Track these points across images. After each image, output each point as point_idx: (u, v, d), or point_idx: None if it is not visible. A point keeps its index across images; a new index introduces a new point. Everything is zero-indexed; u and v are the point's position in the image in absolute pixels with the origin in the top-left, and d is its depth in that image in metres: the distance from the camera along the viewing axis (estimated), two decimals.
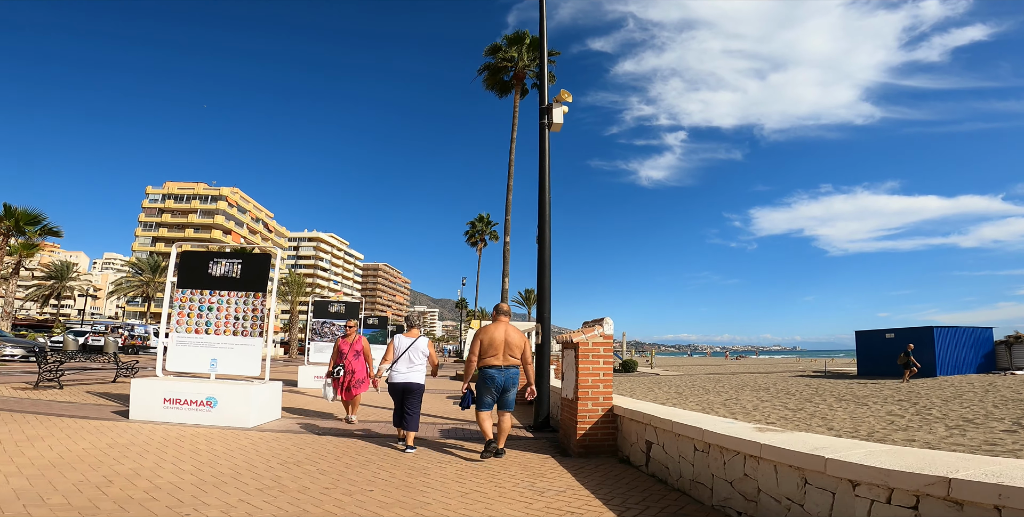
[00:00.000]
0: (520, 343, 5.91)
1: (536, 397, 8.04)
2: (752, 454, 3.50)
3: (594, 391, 6.00)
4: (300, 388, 13.75)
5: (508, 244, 23.97)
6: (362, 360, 8.42)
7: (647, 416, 5.16)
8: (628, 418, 5.68)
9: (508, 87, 31.49)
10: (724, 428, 4.00)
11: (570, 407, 6.22)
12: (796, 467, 3.13)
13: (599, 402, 6.02)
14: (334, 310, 15.20)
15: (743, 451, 3.61)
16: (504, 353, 5.83)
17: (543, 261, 8.38)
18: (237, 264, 8.10)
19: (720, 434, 3.87)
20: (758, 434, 3.70)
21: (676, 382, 24.04)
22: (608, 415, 6.03)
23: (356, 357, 8.34)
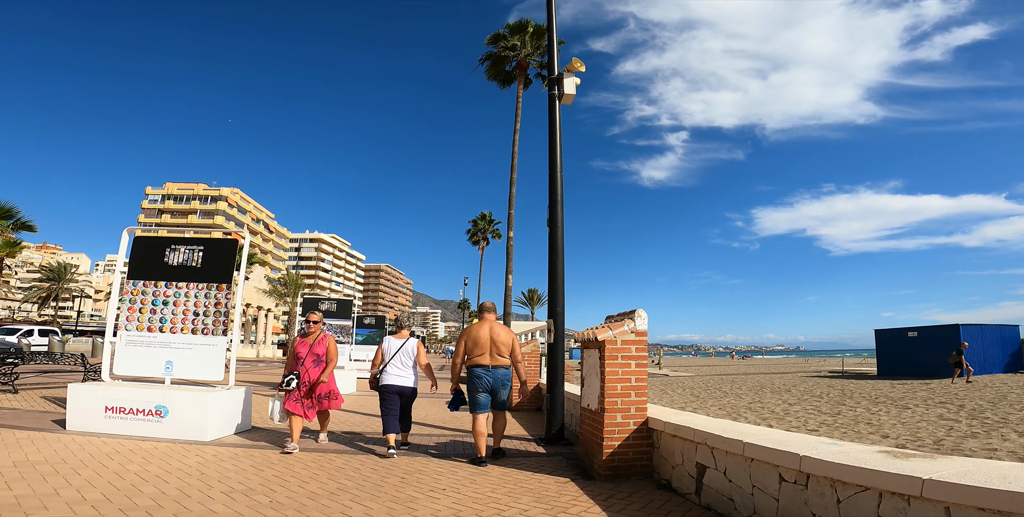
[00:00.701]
0: (508, 340, 5.63)
1: (549, 405, 6.88)
2: (899, 492, 2.32)
3: (625, 400, 4.81)
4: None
5: (512, 239, 22.80)
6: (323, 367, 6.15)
7: (700, 433, 3.97)
8: (671, 434, 4.49)
9: (511, 78, 30.28)
10: (834, 453, 2.81)
11: (594, 419, 5.03)
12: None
13: (631, 414, 4.83)
14: (325, 308, 14.05)
15: (878, 486, 2.43)
16: (491, 352, 5.57)
17: (555, 246, 7.20)
18: (198, 251, 6.94)
19: (833, 462, 2.69)
20: (900, 462, 2.51)
21: (688, 384, 22.83)
22: (642, 429, 4.84)
23: (317, 364, 6.09)
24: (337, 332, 13.87)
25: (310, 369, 6.05)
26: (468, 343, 5.68)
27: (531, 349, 10.67)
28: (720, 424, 4.24)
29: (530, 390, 10.58)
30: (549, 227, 7.40)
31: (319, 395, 6.09)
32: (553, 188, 7.63)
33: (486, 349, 5.58)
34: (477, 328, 5.70)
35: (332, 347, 6.29)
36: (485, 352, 5.57)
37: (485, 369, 5.56)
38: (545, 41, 29.02)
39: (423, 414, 9.59)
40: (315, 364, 6.10)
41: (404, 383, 6.00)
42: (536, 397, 10.59)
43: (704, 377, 28.51)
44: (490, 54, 29.49)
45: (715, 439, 3.79)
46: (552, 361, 6.91)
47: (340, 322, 13.95)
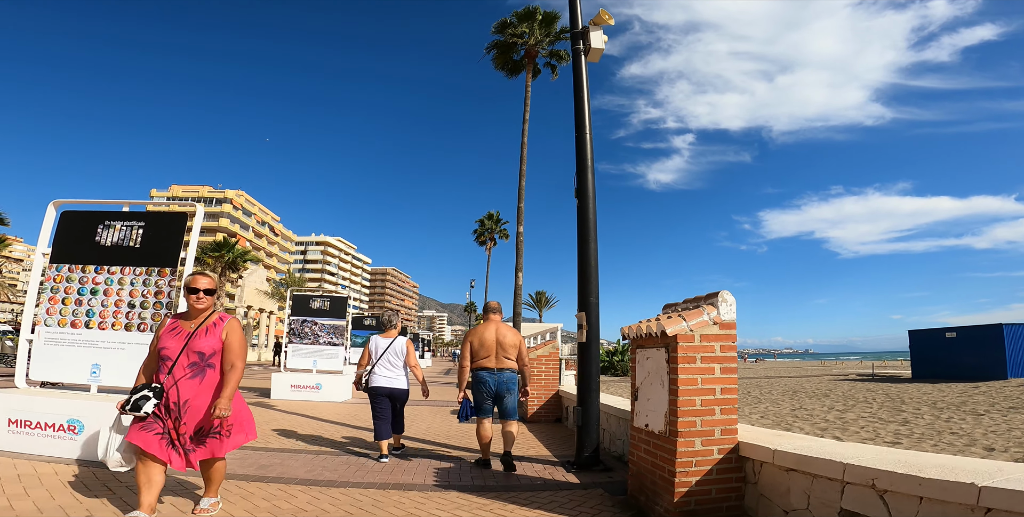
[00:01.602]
0: (515, 342, 5.40)
1: (581, 421, 5.38)
2: None
3: (707, 419, 3.32)
4: (272, 400, 11.15)
5: (521, 235, 21.36)
6: (215, 378, 3.38)
7: (858, 468, 2.48)
8: (785, 467, 3.00)
9: (519, 67, 28.90)
10: None
11: (659, 445, 3.54)
12: None
13: (715, 438, 3.34)
14: (316, 306, 12.61)
15: None
16: (497, 355, 5.31)
17: (585, 221, 5.73)
18: (137, 228, 5.52)
19: None
20: None
21: None
22: (731, 459, 3.36)
23: (198, 373, 3.33)
24: (331, 333, 12.44)
25: (183, 380, 3.28)
26: (475, 345, 5.36)
27: (548, 351, 9.18)
28: (871, 453, 2.73)
29: (548, 398, 9.09)
30: (578, 198, 5.93)
31: (205, 430, 3.32)
32: (581, 152, 6.19)
33: (492, 351, 5.30)
34: (482, 329, 5.40)
35: (236, 340, 3.53)
36: (491, 354, 5.29)
37: (490, 372, 5.28)
38: (555, 28, 27.89)
39: (424, 427, 8.13)
40: (195, 372, 3.32)
41: (395, 384, 5.68)
42: (555, 406, 9.10)
43: None
44: (497, 43, 28.18)
45: (889, 478, 2.30)
46: (584, 365, 5.43)
47: (333, 322, 12.51)
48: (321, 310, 12.56)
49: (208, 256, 19.67)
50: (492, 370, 5.28)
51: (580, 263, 5.61)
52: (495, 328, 5.41)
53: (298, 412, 9.43)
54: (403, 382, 5.77)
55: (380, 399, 5.66)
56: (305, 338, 12.38)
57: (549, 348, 9.19)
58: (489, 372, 5.29)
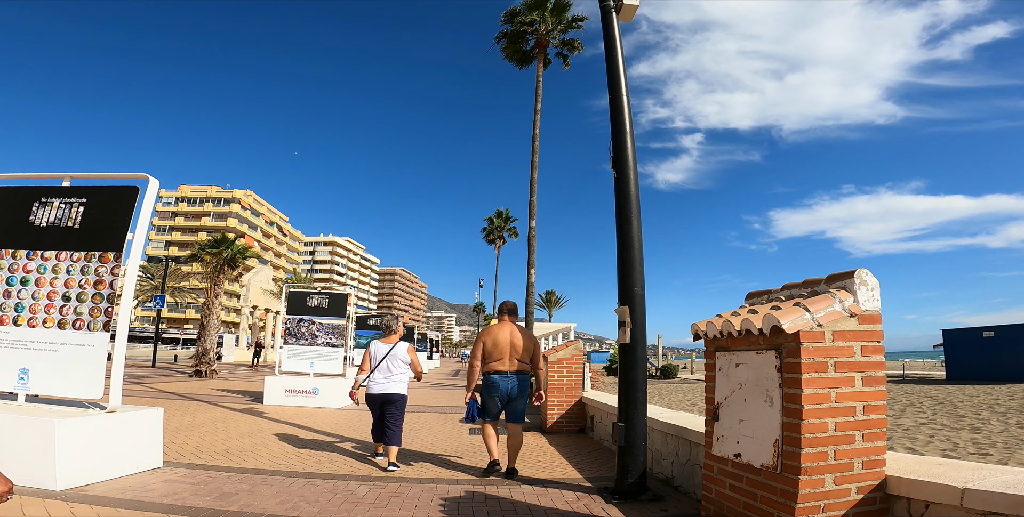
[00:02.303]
0: (529, 345, 5.19)
1: (625, 441, 4.31)
2: None
3: (842, 449, 2.29)
4: (264, 406, 10.17)
5: (534, 230, 20.27)
6: None
7: None
8: (977, 510, 1.90)
9: (529, 57, 27.81)
10: None
11: (760, 484, 2.48)
12: None
13: (852, 474, 2.28)
14: (314, 304, 11.62)
15: None
16: (510, 357, 5.08)
17: (625, 196, 4.67)
18: (78, 206, 4.53)
19: None
20: None
21: None
22: (873, 500, 2.28)
23: None
24: (330, 333, 11.44)
25: None
26: (488, 345, 5.12)
27: (571, 354, 8.12)
28: None
29: (570, 406, 8.03)
30: (615, 168, 4.86)
31: None
32: (617, 117, 5.12)
33: (505, 353, 5.06)
34: (496, 330, 5.17)
35: None
36: (504, 357, 5.06)
37: (503, 376, 5.04)
38: (567, 17, 26.84)
39: (430, 440, 7.10)
40: None
41: (390, 389, 5.45)
42: (578, 415, 8.03)
43: None
44: (506, 32, 27.07)
45: None
46: (628, 371, 4.34)
47: (332, 321, 11.50)
48: (319, 308, 11.56)
49: (205, 253, 18.73)
50: (505, 373, 5.05)
51: (620, 246, 4.54)
52: (510, 329, 5.16)
53: (289, 420, 8.43)
54: (401, 387, 5.50)
55: (377, 406, 5.51)
56: (302, 339, 11.39)
57: (571, 350, 8.13)
58: (502, 376, 5.05)
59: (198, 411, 9.01)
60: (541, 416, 8.62)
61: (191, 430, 7.10)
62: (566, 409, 8.03)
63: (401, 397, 5.50)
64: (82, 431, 3.91)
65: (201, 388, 13.60)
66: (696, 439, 4.25)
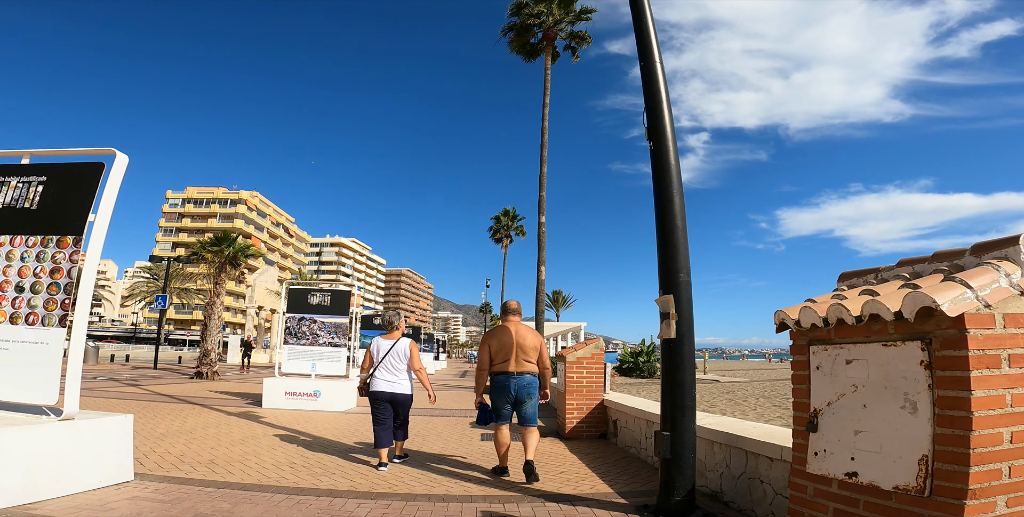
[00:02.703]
0: (535, 344, 4.99)
1: (671, 452, 3.68)
2: None
3: (1019, 464, 1.62)
4: (262, 409, 9.59)
5: (543, 226, 19.64)
6: None
7: None
8: None
9: (536, 50, 27.25)
10: None
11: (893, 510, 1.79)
12: None
13: None
14: (315, 301, 11.04)
15: None
16: (516, 358, 4.90)
17: (664, 169, 4.06)
18: (37, 185, 3.96)
19: None
20: None
21: (764, 392, 19.28)
22: None
23: None
24: (332, 332, 10.86)
25: None
26: (493, 347, 5.03)
27: (591, 353, 7.49)
28: None
29: (591, 410, 7.40)
30: (652, 140, 4.25)
31: None
32: (651, 84, 4.53)
33: (511, 355, 4.94)
34: (500, 331, 5.07)
35: None
36: (510, 358, 4.95)
37: (509, 376, 4.92)
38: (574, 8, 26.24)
39: (439, 445, 6.50)
40: None
41: (396, 389, 5.34)
42: (600, 419, 7.40)
43: (767, 383, 24.88)
44: (513, 25, 26.50)
45: None
46: (674, 371, 3.69)
47: (335, 319, 10.92)
48: (321, 306, 10.98)
49: (207, 251, 18.22)
50: (512, 374, 4.91)
51: (661, 227, 3.91)
52: (514, 329, 5.02)
53: (287, 425, 7.84)
54: (406, 387, 5.39)
55: (381, 405, 5.32)
56: (303, 338, 10.81)
57: (591, 349, 7.49)
58: (508, 376, 4.91)
59: (190, 415, 8.44)
60: (558, 420, 8.00)
61: (177, 436, 6.52)
62: (586, 413, 7.40)
63: (408, 397, 5.40)
64: (30, 441, 3.33)
65: (199, 390, 13.05)
66: (755, 449, 3.62)
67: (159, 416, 8.20)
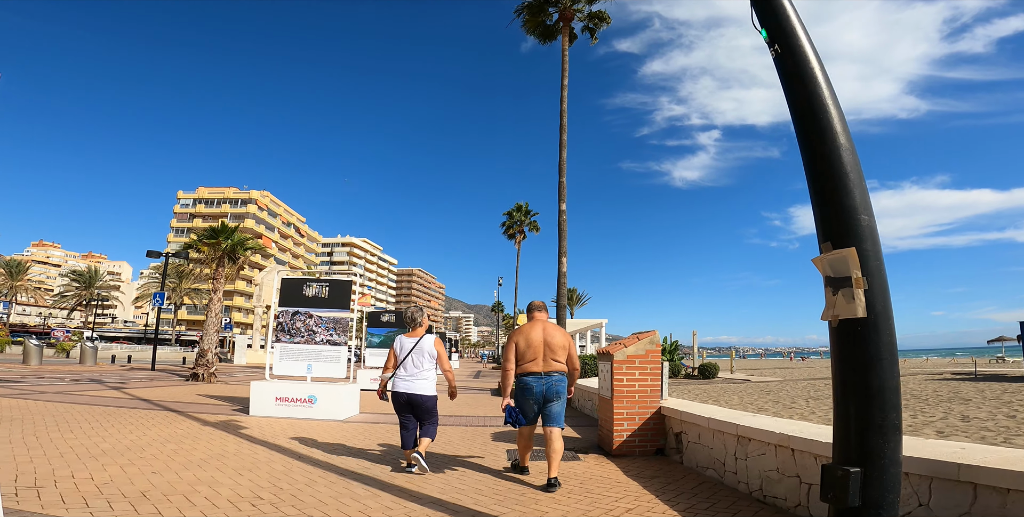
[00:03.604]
0: (564, 343, 4.83)
1: (861, 500, 2.15)
2: None
3: None
4: (248, 417, 8.20)
5: (564, 214, 18.15)
6: None
7: None
8: None
9: (552, 32, 25.81)
10: None
11: None
12: None
13: None
14: (312, 293, 9.64)
15: None
16: (544, 357, 4.75)
17: (804, 75, 2.56)
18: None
19: None
20: None
21: (800, 392, 17.64)
22: None
23: None
24: (330, 329, 9.46)
25: None
26: (520, 346, 4.79)
27: (645, 349, 6.00)
28: None
29: (644, 420, 5.91)
30: (777, 41, 2.75)
31: None
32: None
33: (539, 354, 4.74)
34: (528, 329, 4.84)
35: None
36: (538, 357, 4.74)
37: (536, 377, 4.70)
38: None
39: (456, 471, 5.04)
40: None
41: (415, 389, 4.99)
42: (656, 431, 5.92)
43: (804, 383, 23.16)
44: (527, 4, 25.08)
45: None
46: (865, 371, 2.16)
47: (334, 313, 9.51)
48: (318, 298, 9.58)
49: (202, 243, 16.95)
50: (539, 375, 4.74)
51: (813, 149, 2.42)
52: (542, 327, 4.88)
53: (270, 439, 6.44)
54: (427, 387, 5.07)
55: (401, 406, 5.10)
56: (297, 335, 9.41)
57: (645, 345, 6.00)
58: (536, 377, 4.73)
59: (156, 425, 7.07)
60: (601, 432, 6.51)
61: (120, 455, 5.13)
62: (639, 424, 5.91)
63: (428, 398, 5.07)
64: None
65: (186, 394, 11.73)
66: (994, 481, 2.15)
67: (116, 426, 6.84)
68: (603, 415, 6.39)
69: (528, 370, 4.73)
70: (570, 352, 4.84)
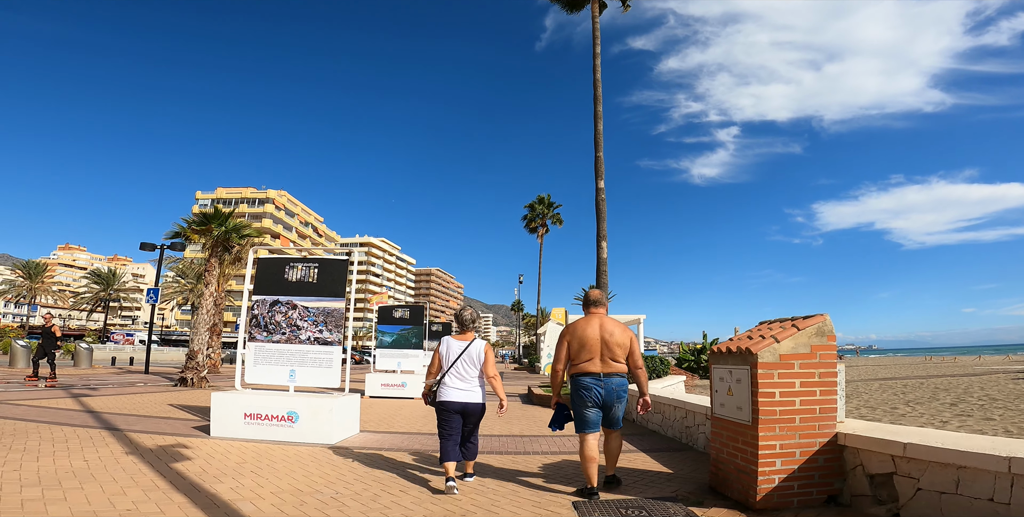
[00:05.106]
0: (624, 340, 4.32)
1: None
2: None
3: None
4: (207, 440, 6.00)
5: (603, 191, 15.81)
6: None
7: None
8: None
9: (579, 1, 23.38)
10: None
11: None
12: None
13: None
14: (296, 277, 7.44)
15: None
16: (602, 356, 4.27)
17: None
18: None
19: None
20: None
21: (951, 394, 14.99)
22: None
23: None
24: (320, 324, 7.23)
25: None
26: (573, 344, 4.36)
27: (809, 344, 3.62)
28: None
29: (812, 453, 3.55)
30: None
31: None
32: None
33: (596, 352, 4.28)
34: (583, 324, 4.38)
35: None
36: (595, 356, 4.28)
37: (595, 378, 4.24)
38: None
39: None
40: None
41: (469, 398, 4.55)
42: (828, 471, 3.59)
43: (901, 381, 20.40)
44: None
45: None
46: None
47: (324, 303, 7.28)
48: (304, 284, 7.37)
49: (192, 231, 14.92)
50: (597, 376, 4.22)
51: None
52: (599, 323, 4.36)
53: (210, 486, 4.18)
54: (479, 395, 4.61)
55: (451, 416, 4.50)
56: (277, 332, 7.21)
57: (809, 338, 3.63)
58: (594, 378, 4.22)
59: (61, 452, 4.87)
60: (722, 472, 4.14)
61: None
62: (801, 459, 3.56)
63: (480, 407, 4.62)
64: None
65: (156, 404, 9.63)
66: None
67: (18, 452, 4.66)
68: (730, 446, 4.02)
69: (585, 370, 4.27)
70: (632, 350, 4.35)
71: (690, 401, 6.52)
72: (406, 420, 8.64)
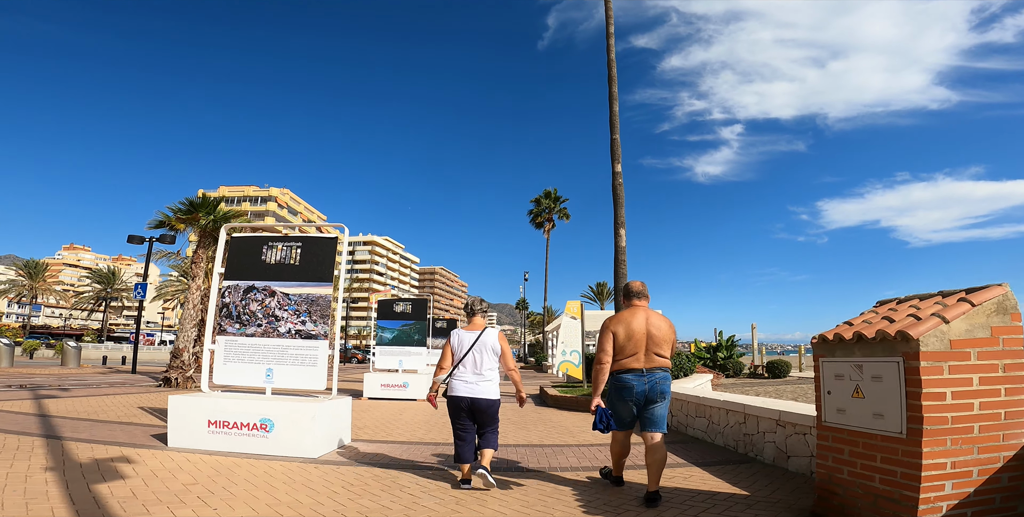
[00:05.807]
0: (670, 336, 4.13)
1: None
2: None
3: None
4: (162, 452, 4.90)
5: (619, 176, 14.61)
6: None
7: None
8: None
9: None
10: None
11: None
12: None
13: None
14: (275, 258, 6.32)
15: None
16: (647, 351, 4.03)
17: None
18: None
19: None
20: None
21: None
22: None
23: None
24: (303, 314, 6.11)
25: None
26: (620, 338, 4.04)
27: (988, 327, 2.47)
28: None
29: (994, 471, 2.41)
30: None
31: None
32: None
33: (641, 347, 4.01)
34: (630, 316, 4.09)
35: None
36: (639, 351, 4.02)
37: (637, 375, 3.98)
38: None
39: None
40: None
41: (477, 393, 4.23)
42: (1014, 491, 2.46)
43: None
44: None
45: None
46: None
47: (308, 289, 6.16)
48: (284, 266, 6.26)
49: (177, 220, 13.83)
50: (640, 372, 4.00)
51: None
52: (644, 316, 4.10)
53: (167, 503, 3.08)
54: (490, 389, 4.29)
55: (460, 413, 4.27)
56: (251, 323, 6.10)
57: (984, 316, 2.45)
58: (636, 374, 3.99)
59: None
60: (867, 501, 2.99)
61: None
62: (981, 479, 2.43)
63: (494, 402, 4.31)
64: None
65: (126, 406, 8.55)
66: None
67: None
68: (857, 465, 2.87)
69: (627, 366, 4.02)
70: (674, 344, 4.17)
71: (749, 403, 5.40)
72: (407, 426, 7.52)
